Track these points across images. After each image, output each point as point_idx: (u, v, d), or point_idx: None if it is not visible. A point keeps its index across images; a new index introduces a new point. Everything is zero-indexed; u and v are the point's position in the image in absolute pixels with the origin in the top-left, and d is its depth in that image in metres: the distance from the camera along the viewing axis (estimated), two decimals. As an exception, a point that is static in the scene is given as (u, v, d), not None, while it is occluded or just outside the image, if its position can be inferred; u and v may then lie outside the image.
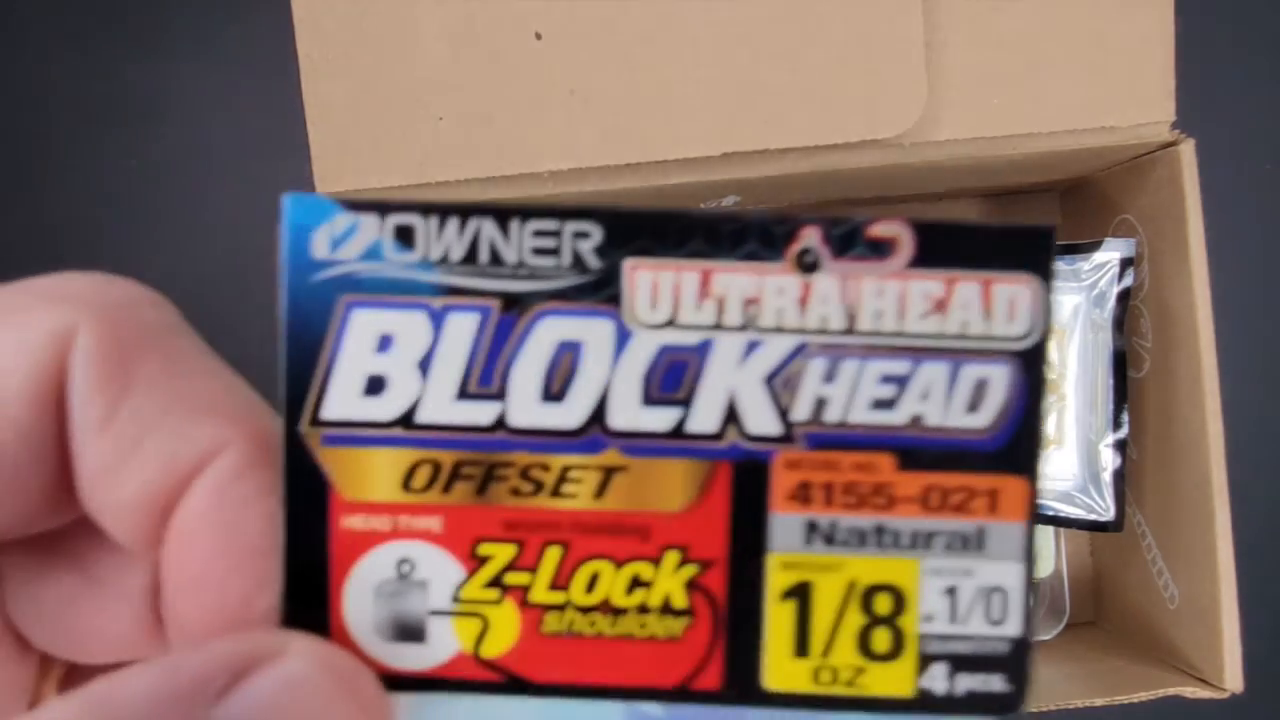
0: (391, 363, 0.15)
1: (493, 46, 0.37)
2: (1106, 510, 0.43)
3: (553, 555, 0.16)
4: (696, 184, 0.39)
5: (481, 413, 0.15)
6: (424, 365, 0.15)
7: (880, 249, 0.15)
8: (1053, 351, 0.16)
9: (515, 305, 0.15)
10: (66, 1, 0.49)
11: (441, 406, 0.15)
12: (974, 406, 0.16)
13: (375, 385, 0.15)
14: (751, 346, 0.15)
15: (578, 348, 0.15)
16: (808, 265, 0.15)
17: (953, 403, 0.16)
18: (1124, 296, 0.42)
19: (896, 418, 0.16)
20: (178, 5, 0.49)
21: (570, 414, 0.15)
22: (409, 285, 0.15)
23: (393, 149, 0.37)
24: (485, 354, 0.15)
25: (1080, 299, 0.43)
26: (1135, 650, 0.45)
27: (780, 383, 0.15)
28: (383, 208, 0.15)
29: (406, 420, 0.15)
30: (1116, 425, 0.43)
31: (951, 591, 0.16)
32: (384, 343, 0.15)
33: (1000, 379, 0.15)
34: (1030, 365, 0.15)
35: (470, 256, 0.15)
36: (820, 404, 0.16)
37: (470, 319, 0.15)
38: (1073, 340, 0.43)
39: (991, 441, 0.16)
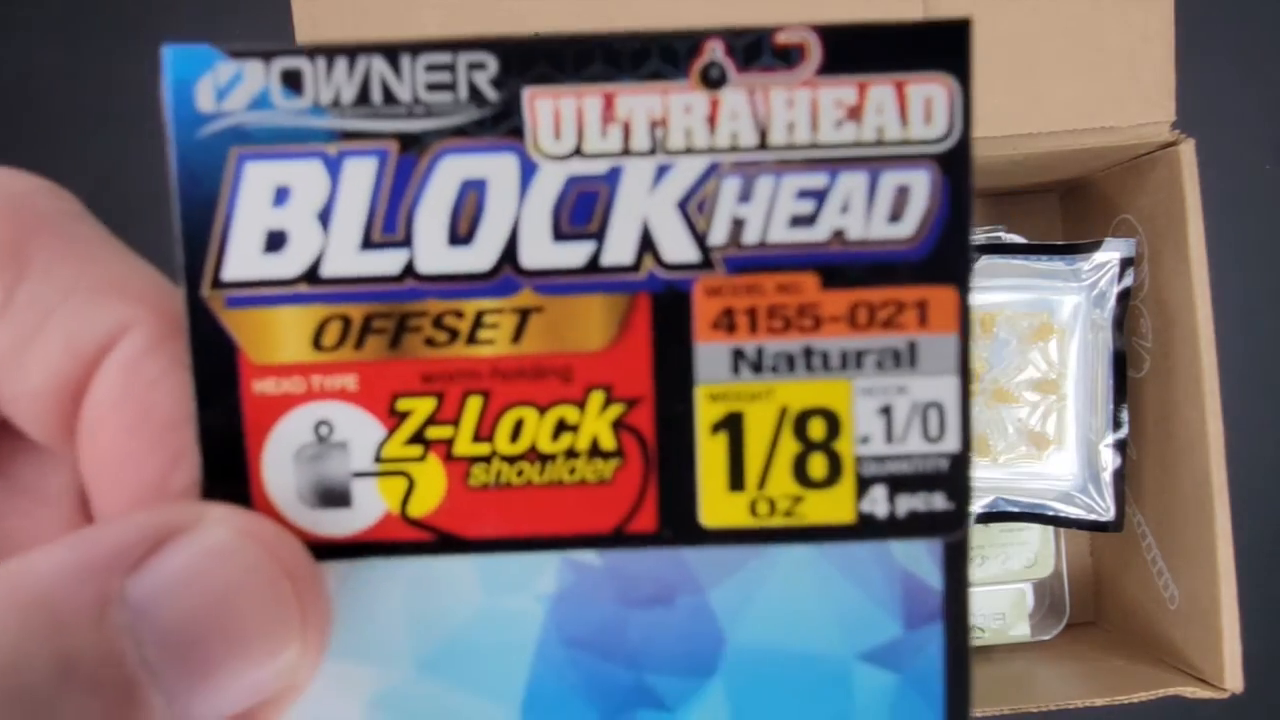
0: (290, 216, 0.15)
1: (493, 46, 0.37)
2: (1106, 510, 0.43)
3: (474, 405, 0.15)
4: (696, 184, 0.39)
5: (388, 261, 0.15)
6: (324, 216, 0.15)
7: (788, 58, 0.15)
8: (970, 151, 0.15)
9: (414, 146, 0.15)
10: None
11: (346, 258, 0.15)
12: (896, 216, 0.15)
13: (275, 241, 0.15)
14: (662, 170, 0.15)
15: (482, 186, 0.15)
16: (713, 80, 0.15)
17: (874, 214, 0.15)
18: (1124, 296, 0.42)
19: (817, 234, 0.15)
20: (177, 4, 0.49)
21: (480, 256, 0.15)
22: (301, 133, 0.15)
23: (393, 149, 0.37)
24: (387, 200, 0.15)
25: (1080, 299, 0.43)
26: (1135, 650, 0.45)
27: (694, 206, 0.15)
28: (267, 53, 0.14)
29: (311, 275, 0.15)
30: (1116, 425, 0.43)
31: (886, 410, 0.15)
32: (280, 195, 0.15)
33: (921, 185, 0.15)
34: (952, 168, 0.15)
35: (362, 98, 0.15)
36: (738, 225, 0.15)
37: (368, 164, 0.15)
38: (1073, 340, 0.43)
39: (917, 251, 0.15)
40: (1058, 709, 0.40)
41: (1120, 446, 0.43)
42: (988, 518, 0.43)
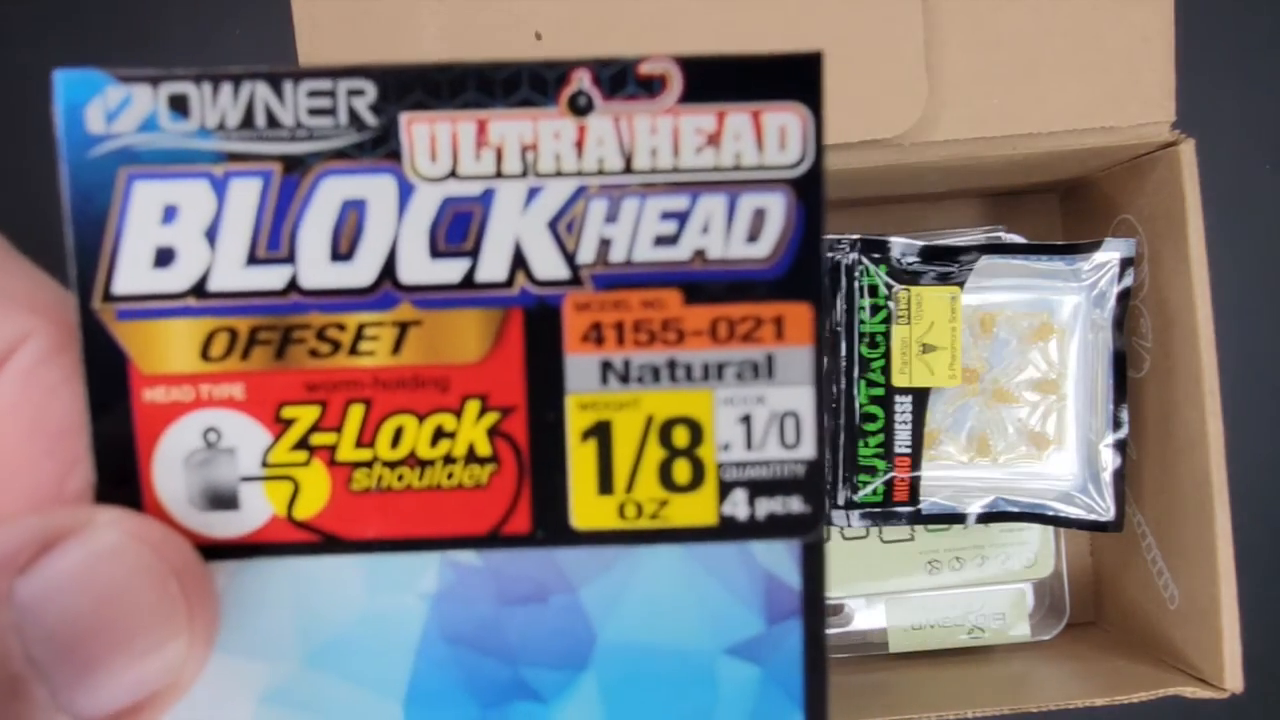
0: (178, 233, 0.15)
1: (492, 46, 0.37)
2: (1106, 510, 0.43)
3: (356, 413, 0.16)
4: (696, 184, 0.39)
5: (272, 277, 0.16)
6: (211, 233, 0.15)
7: (651, 87, 0.15)
8: (823, 176, 0.16)
9: (297, 167, 0.15)
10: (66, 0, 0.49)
11: (232, 273, 0.16)
12: (754, 236, 0.16)
13: (164, 257, 0.15)
14: (533, 193, 0.16)
15: (362, 205, 0.16)
16: (581, 108, 0.15)
17: (733, 234, 0.16)
18: (1124, 296, 0.42)
19: (680, 253, 0.16)
20: (177, 4, 0.49)
21: (360, 272, 0.16)
22: (188, 154, 0.15)
23: (393, 149, 0.37)
24: (271, 218, 0.15)
25: (1080, 299, 0.43)
26: (1135, 650, 0.45)
27: (564, 226, 0.16)
28: (155, 78, 0.15)
29: (199, 290, 0.16)
30: (1116, 425, 0.43)
31: (746, 419, 0.16)
32: (169, 213, 0.15)
33: (777, 207, 0.16)
34: (805, 192, 0.16)
35: (247, 121, 0.15)
36: (605, 245, 0.16)
37: (253, 184, 0.15)
38: (1073, 340, 0.43)
39: (773, 270, 0.16)
40: (1058, 709, 0.40)
41: (1120, 446, 0.43)
42: (988, 518, 0.43)
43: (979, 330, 0.43)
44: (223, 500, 0.16)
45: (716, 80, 0.15)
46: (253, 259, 0.16)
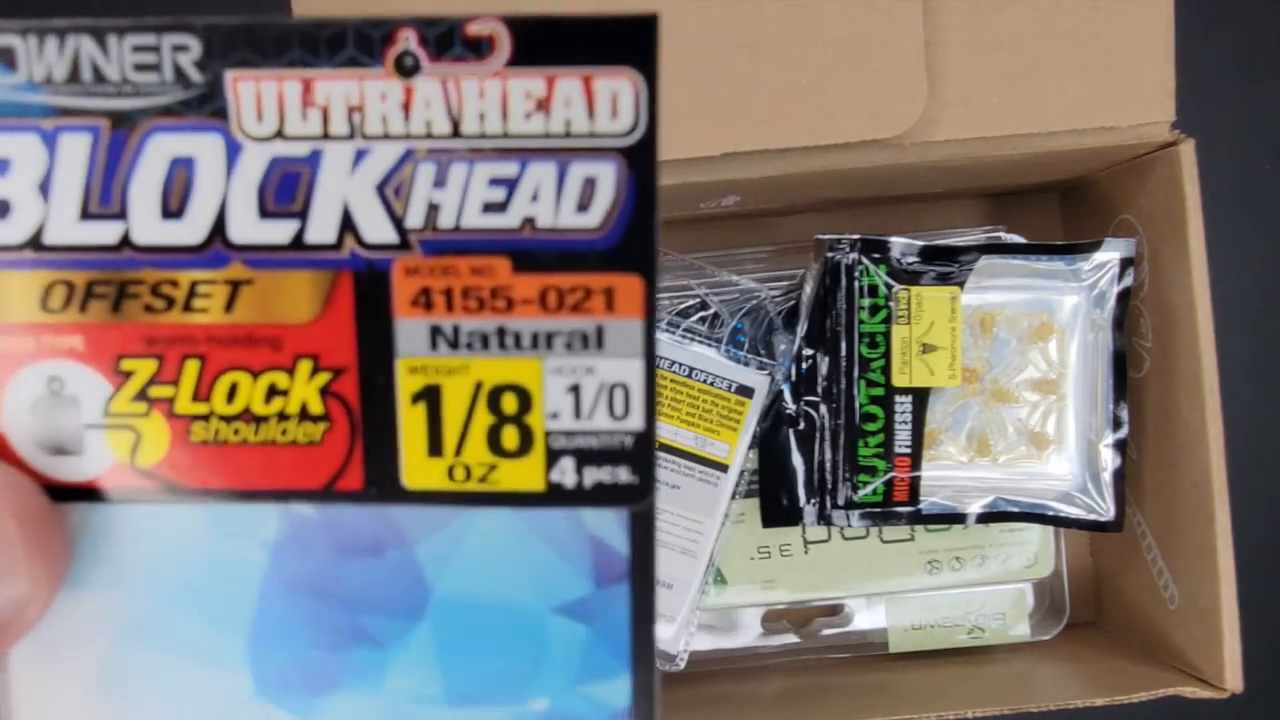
0: (12, 186, 0.16)
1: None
2: (1106, 510, 0.43)
3: (192, 368, 0.16)
4: (696, 184, 0.39)
5: (106, 232, 0.16)
6: (44, 187, 0.16)
7: (479, 48, 0.15)
8: (655, 145, 0.16)
9: (124, 123, 0.15)
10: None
11: (67, 227, 0.16)
12: (584, 206, 0.16)
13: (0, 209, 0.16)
14: (360, 155, 0.16)
15: (191, 163, 0.16)
16: (407, 69, 0.15)
17: (563, 203, 0.16)
18: (1124, 296, 0.42)
19: (509, 220, 0.16)
20: (178, 4, 0.49)
21: (192, 230, 0.16)
22: (18, 108, 0.15)
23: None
24: (102, 173, 0.16)
25: (1080, 299, 0.43)
26: (1135, 650, 0.45)
27: (392, 190, 0.16)
28: None
29: (35, 242, 0.16)
30: (1116, 425, 0.43)
31: (575, 389, 0.16)
32: (1, 166, 0.16)
33: (608, 176, 0.16)
34: (637, 162, 0.16)
35: (74, 75, 0.15)
36: (433, 210, 0.16)
37: (82, 139, 0.16)
38: (1073, 340, 0.43)
39: (604, 240, 0.16)
40: (1058, 709, 0.40)
41: (1120, 446, 0.43)
42: (988, 518, 0.43)
43: (979, 330, 0.43)
44: (67, 446, 0.16)
45: (546, 43, 0.15)
46: (86, 214, 0.16)
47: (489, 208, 0.16)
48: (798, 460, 0.43)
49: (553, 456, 0.17)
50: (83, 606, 0.17)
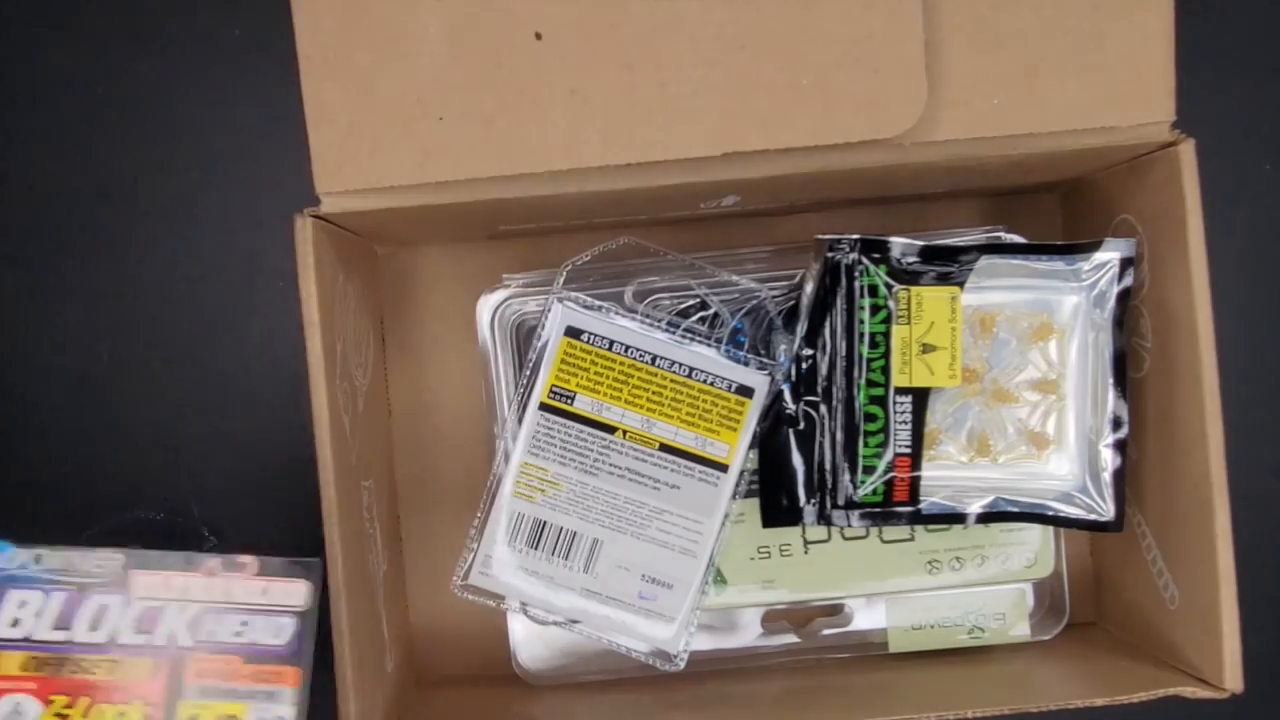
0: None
1: (493, 46, 0.37)
2: (1106, 510, 0.43)
3: (83, 701, 0.26)
4: (696, 184, 0.39)
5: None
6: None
7: None
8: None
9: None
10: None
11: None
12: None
13: None
14: None
15: None
16: None
17: None
18: (1124, 296, 0.42)
19: None
20: (178, 4, 0.49)
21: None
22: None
23: (393, 149, 0.37)
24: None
25: (1080, 299, 0.43)
26: (1135, 650, 0.45)
27: None
28: None
29: (27, 639, 0.25)
30: (1116, 425, 0.43)
31: None
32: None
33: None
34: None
35: None
36: None
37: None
38: (1073, 340, 0.43)
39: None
40: (1058, 709, 0.40)
41: (1120, 446, 0.43)
42: (988, 518, 0.43)
43: (979, 330, 0.43)
44: None
45: None
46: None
47: None
48: (798, 460, 0.43)
49: None
50: None
